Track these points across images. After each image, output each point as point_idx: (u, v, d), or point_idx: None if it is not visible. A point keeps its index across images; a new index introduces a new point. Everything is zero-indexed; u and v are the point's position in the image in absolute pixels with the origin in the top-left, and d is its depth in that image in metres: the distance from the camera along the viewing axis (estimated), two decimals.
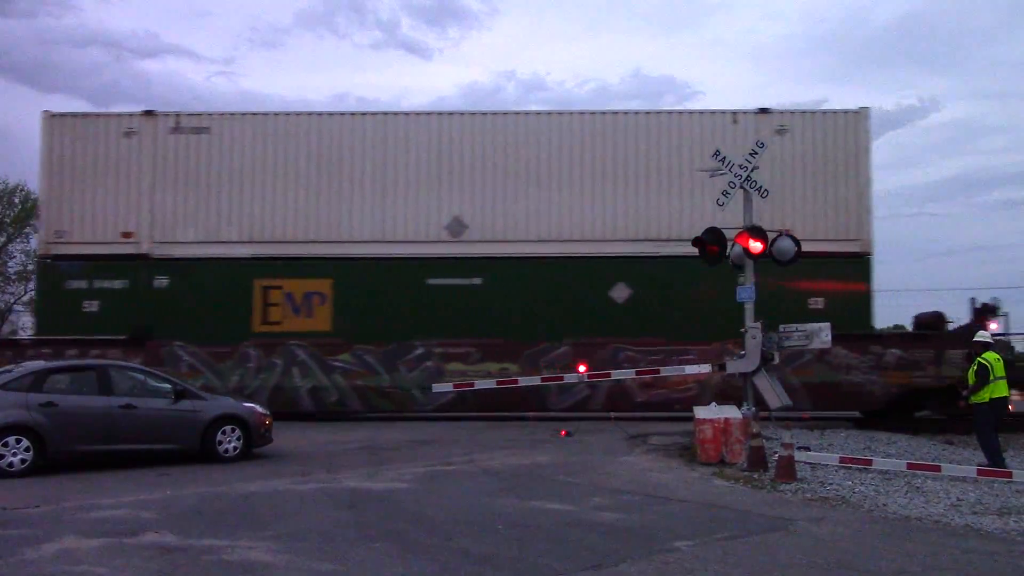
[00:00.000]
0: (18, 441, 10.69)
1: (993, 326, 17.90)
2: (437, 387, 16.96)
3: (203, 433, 11.98)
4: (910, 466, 11.14)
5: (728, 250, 13.28)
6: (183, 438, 11.90)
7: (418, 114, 20.04)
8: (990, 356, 11.67)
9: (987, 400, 11.53)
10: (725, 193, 13.02)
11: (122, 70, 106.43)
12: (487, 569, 6.33)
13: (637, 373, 16.06)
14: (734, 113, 19.31)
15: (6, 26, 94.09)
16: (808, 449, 12.46)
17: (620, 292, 18.74)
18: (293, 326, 18.92)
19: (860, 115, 19.16)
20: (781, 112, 19.36)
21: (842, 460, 11.32)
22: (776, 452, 10.62)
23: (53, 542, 7.01)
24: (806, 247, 18.50)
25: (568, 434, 15.14)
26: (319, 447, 13.84)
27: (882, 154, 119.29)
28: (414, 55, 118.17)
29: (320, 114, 19.91)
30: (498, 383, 16.76)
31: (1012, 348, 20.96)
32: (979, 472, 10.65)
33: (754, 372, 12.60)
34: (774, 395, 12.59)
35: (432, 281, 18.95)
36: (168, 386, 12.24)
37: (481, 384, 16.88)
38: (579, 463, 11.98)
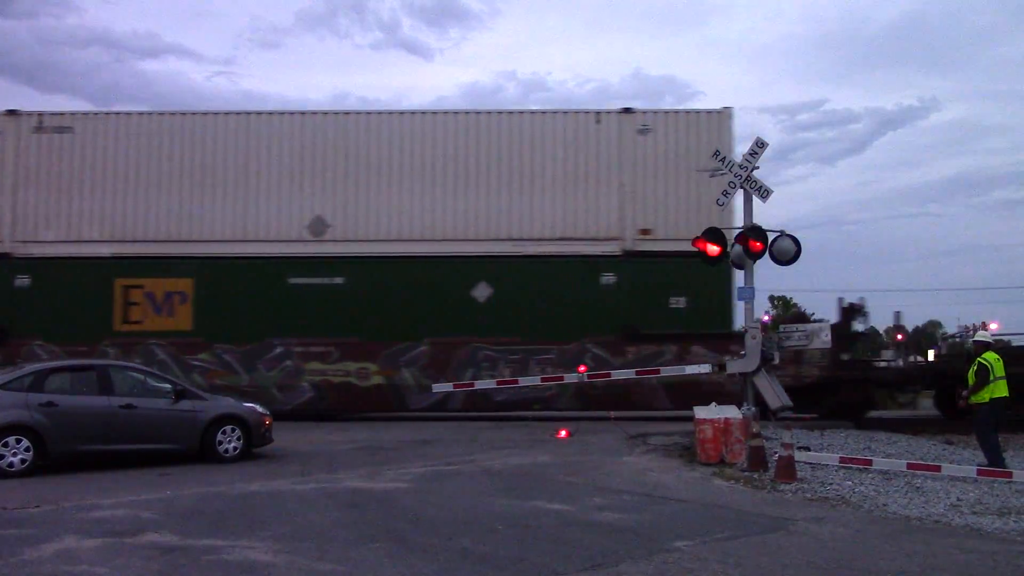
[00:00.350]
0: (18, 441, 10.69)
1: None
2: (437, 387, 17.02)
3: (203, 433, 11.97)
4: (910, 466, 11.15)
5: (729, 247, 13.28)
6: (183, 438, 11.90)
7: (281, 113, 20.09)
8: (990, 356, 11.66)
9: (987, 400, 11.53)
10: (725, 193, 13.02)
11: (123, 70, 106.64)
12: (487, 569, 6.32)
13: (637, 373, 16.04)
14: (597, 113, 19.42)
15: (7, 26, 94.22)
16: (808, 449, 12.47)
17: (481, 291, 18.73)
18: (154, 325, 18.93)
19: (723, 115, 19.16)
20: (644, 112, 19.39)
21: (842, 460, 11.32)
22: (776, 452, 10.62)
23: (53, 542, 7.01)
24: (668, 247, 18.42)
25: (569, 434, 15.14)
26: (319, 447, 13.85)
27: (882, 154, 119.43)
28: (415, 55, 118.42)
29: (183, 114, 20.00)
30: (498, 383, 16.81)
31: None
32: (979, 472, 10.66)
33: (754, 372, 12.61)
34: (774, 395, 12.60)
35: (294, 280, 18.96)
36: (168, 386, 12.27)
37: (481, 384, 16.94)
38: (579, 463, 11.98)
